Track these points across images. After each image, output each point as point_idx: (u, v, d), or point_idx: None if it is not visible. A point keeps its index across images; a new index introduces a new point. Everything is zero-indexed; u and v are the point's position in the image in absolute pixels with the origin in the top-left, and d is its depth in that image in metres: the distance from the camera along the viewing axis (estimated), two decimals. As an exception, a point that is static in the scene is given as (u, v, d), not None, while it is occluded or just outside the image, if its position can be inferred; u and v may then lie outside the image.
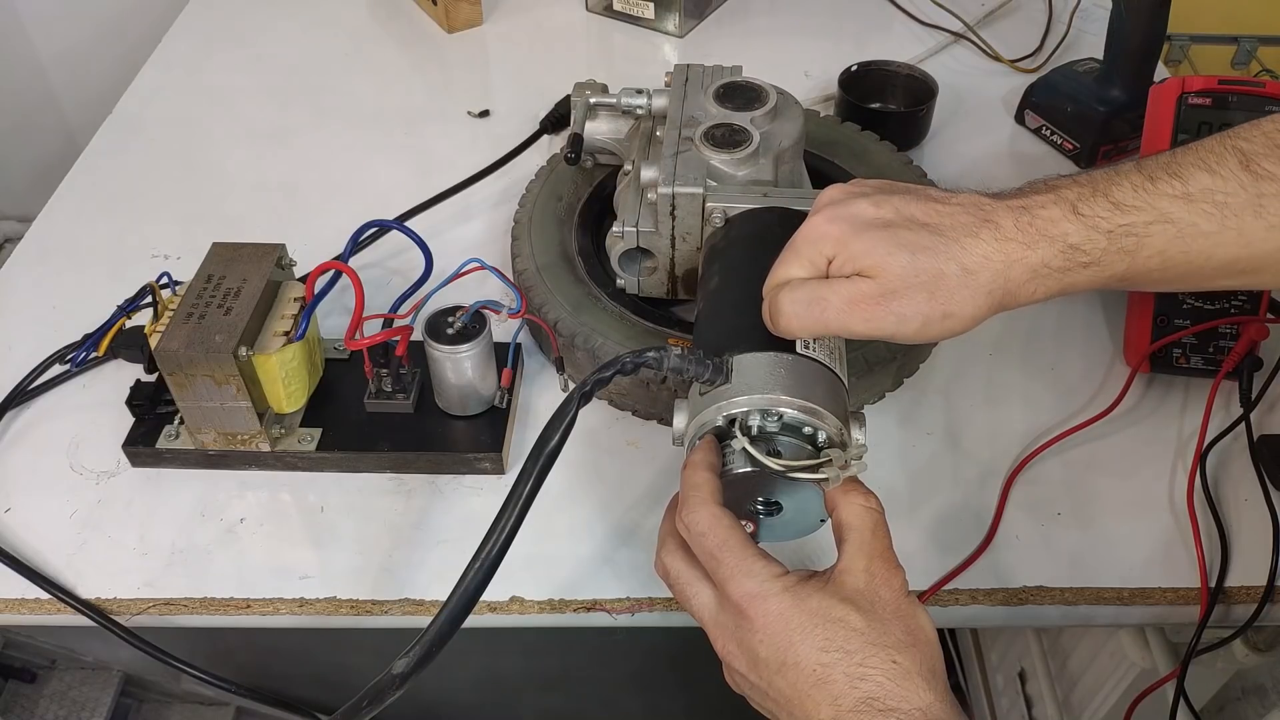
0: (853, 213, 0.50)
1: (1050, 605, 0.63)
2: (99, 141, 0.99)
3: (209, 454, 0.67)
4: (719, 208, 0.65)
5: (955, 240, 0.48)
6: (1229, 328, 0.72)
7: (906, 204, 0.50)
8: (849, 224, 0.50)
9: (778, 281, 0.52)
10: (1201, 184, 0.47)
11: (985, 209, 0.49)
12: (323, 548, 0.65)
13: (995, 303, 0.49)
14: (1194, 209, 0.47)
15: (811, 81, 1.06)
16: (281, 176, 0.95)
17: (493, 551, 0.48)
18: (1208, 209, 0.47)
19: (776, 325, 0.51)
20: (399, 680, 0.48)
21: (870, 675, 0.44)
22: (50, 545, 0.65)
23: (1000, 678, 1.28)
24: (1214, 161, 0.48)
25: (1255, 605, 0.62)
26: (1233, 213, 0.47)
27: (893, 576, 0.47)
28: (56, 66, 1.60)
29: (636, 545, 0.65)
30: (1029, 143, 0.99)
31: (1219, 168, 0.48)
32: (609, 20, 1.18)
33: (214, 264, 0.66)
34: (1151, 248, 0.48)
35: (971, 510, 0.67)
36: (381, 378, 0.68)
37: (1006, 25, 1.16)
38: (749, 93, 0.73)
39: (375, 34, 1.16)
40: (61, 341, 0.75)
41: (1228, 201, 0.47)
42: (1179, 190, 0.48)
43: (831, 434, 0.51)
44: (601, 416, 0.72)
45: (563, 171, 0.83)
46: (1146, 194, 0.48)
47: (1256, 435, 0.69)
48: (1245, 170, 0.47)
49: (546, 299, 0.72)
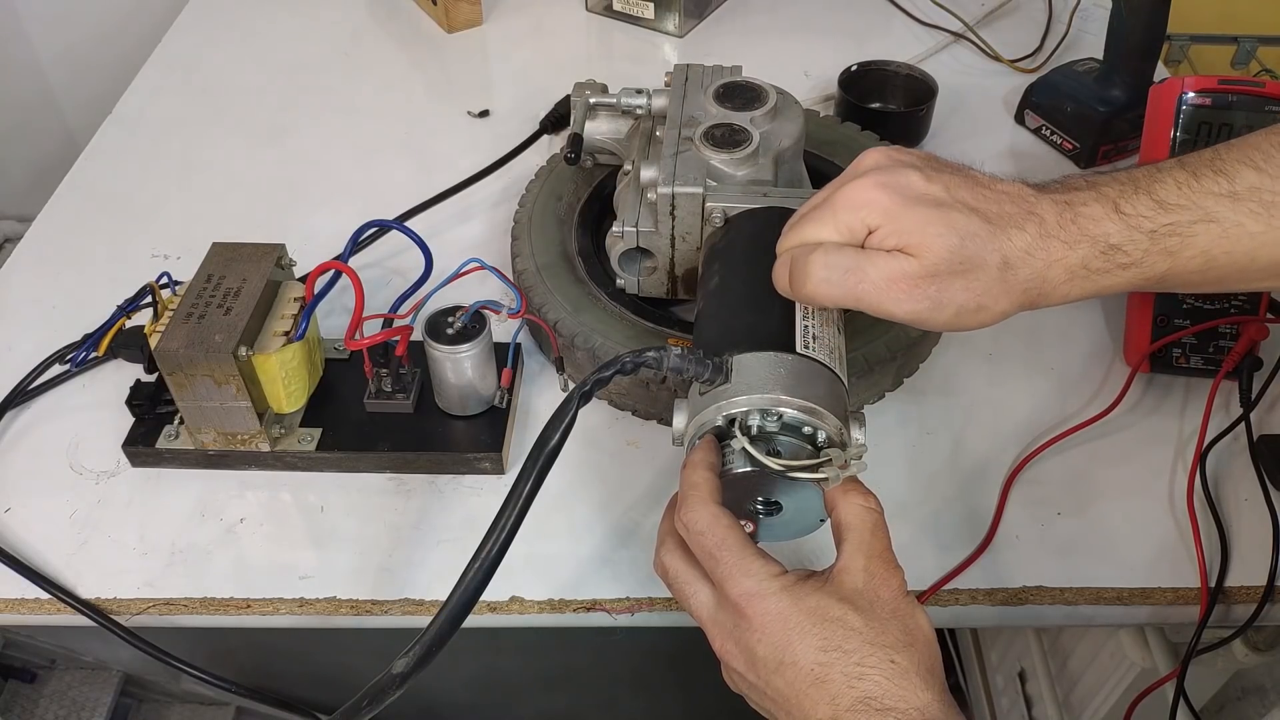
0: (903, 182, 0.48)
1: (1050, 605, 0.63)
2: (99, 141, 0.99)
3: (209, 454, 0.67)
4: (719, 208, 0.65)
5: (1002, 230, 0.47)
6: (1229, 328, 0.72)
7: (956, 184, 0.48)
8: (899, 194, 0.47)
9: (805, 240, 0.49)
10: (1248, 182, 0.46)
11: (1030, 200, 0.48)
12: (323, 548, 0.65)
13: (1028, 300, 0.48)
14: (1240, 208, 0.46)
15: (811, 81, 1.06)
16: (281, 176, 0.95)
17: (493, 551, 0.48)
18: (1254, 208, 0.46)
19: (800, 288, 0.48)
20: (399, 680, 0.48)
21: (868, 674, 0.44)
22: (50, 545, 0.65)
23: (1000, 678, 1.28)
24: (1260, 159, 0.46)
25: (1255, 605, 0.62)
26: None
27: (891, 576, 0.47)
28: (56, 66, 1.60)
29: (636, 545, 0.65)
30: (1029, 143, 0.99)
31: (1266, 165, 0.46)
32: (609, 20, 1.18)
33: (214, 264, 0.66)
34: (1195, 247, 0.46)
35: (971, 510, 0.67)
36: (381, 378, 0.68)
37: (1006, 25, 1.16)
38: (749, 93, 0.73)
39: (375, 34, 1.16)
40: (61, 341, 0.75)
41: (1275, 200, 0.46)
42: (1225, 188, 0.46)
43: (831, 434, 0.51)
44: (601, 416, 0.72)
45: (563, 171, 0.83)
46: (1191, 191, 0.46)
47: (1256, 435, 0.69)
48: None
49: (546, 299, 0.72)
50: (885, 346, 0.68)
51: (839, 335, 0.56)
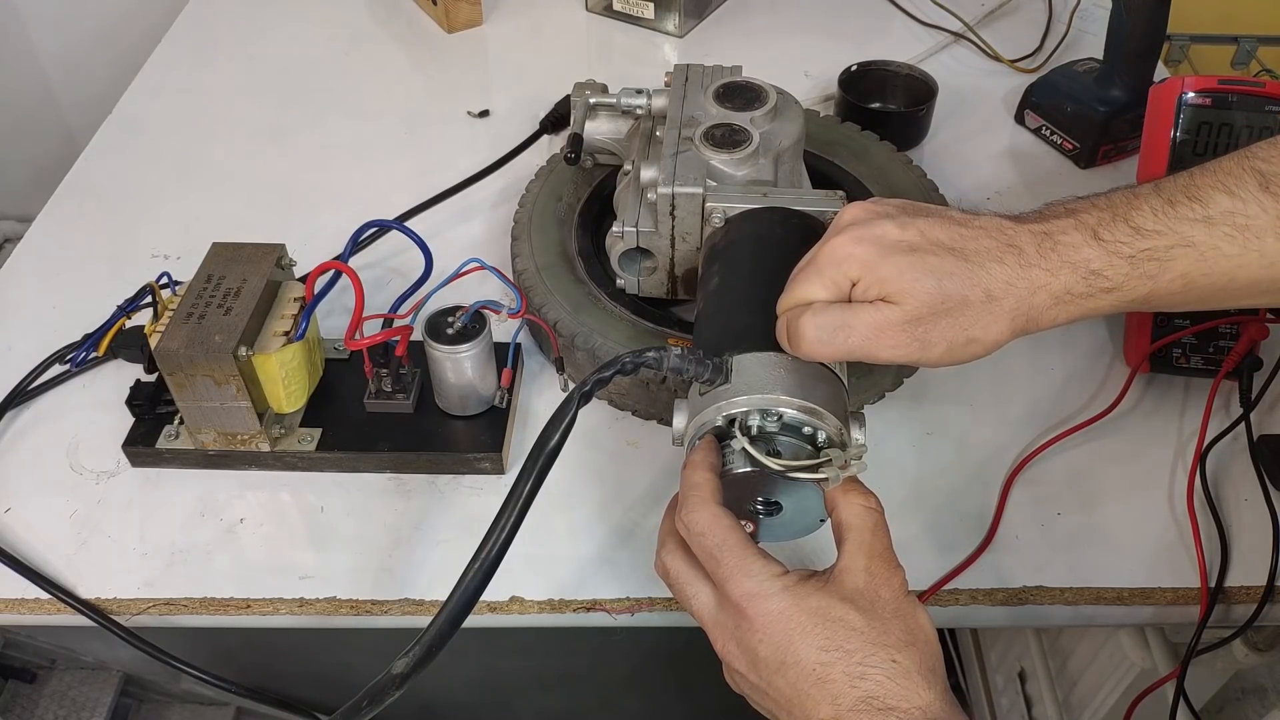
0: (878, 234, 0.50)
1: (1050, 605, 0.63)
2: (99, 141, 0.99)
3: (209, 454, 0.67)
4: (719, 208, 0.65)
5: (980, 265, 0.48)
6: (1229, 328, 0.72)
7: (931, 227, 0.50)
8: (875, 246, 0.49)
9: (797, 301, 0.51)
10: (1222, 207, 0.47)
11: (1008, 233, 0.49)
12: (323, 548, 0.65)
13: (1018, 327, 0.49)
14: (1215, 232, 0.47)
15: (811, 81, 1.06)
16: (281, 176, 0.95)
17: (492, 551, 0.48)
18: (1229, 232, 0.47)
19: (798, 349, 0.50)
20: (399, 680, 0.48)
21: (870, 674, 0.44)
22: (50, 545, 0.65)
23: (1000, 678, 1.28)
24: (1233, 184, 0.47)
25: (1255, 605, 0.62)
26: (1254, 235, 0.47)
27: (892, 576, 0.47)
28: (56, 66, 1.60)
29: (636, 545, 0.65)
30: (1029, 143, 0.99)
31: (1239, 190, 0.47)
32: (609, 20, 1.18)
33: (214, 264, 0.66)
34: (1174, 271, 0.48)
35: (971, 510, 0.67)
36: (381, 378, 0.68)
37: (1006, 25, 1.16)
38: (749, 93, 0.73)
39: (375, 34, 1.16)
40: (61, 341, 0.75)
41: (1249, 224, 0.47)
42: (1199, 214, 0.47)
43: (831, 434, 0.51)
44: (601, 416, 0.72)
45: (563, 171, 0.83)
46: (1167, 218, 0.48)
47: (1256, 435, 0.69)
48: (1265, 192, 0.47)
49: (546, 299, 0.72)
50: (885, 346, 0.68)
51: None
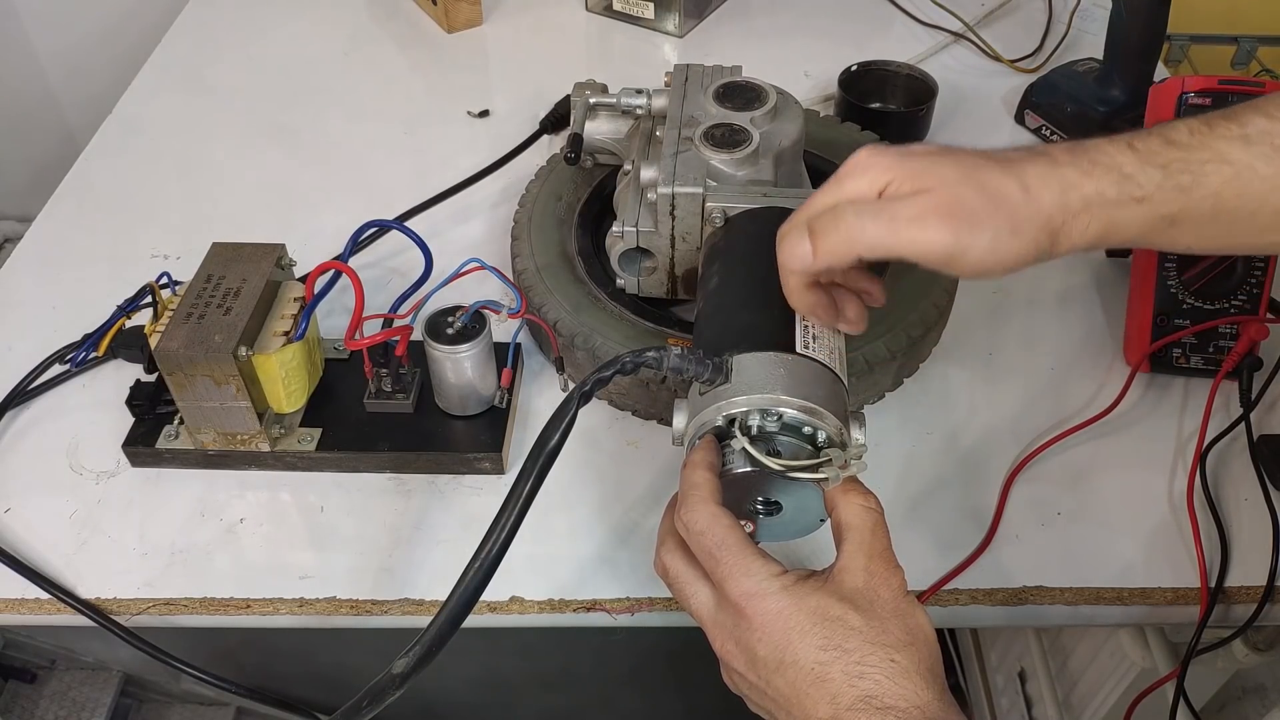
0: (900, 149, 0.50)
1: (1050, 605, 0.63)
2: (99, 141, 0.99)
3: (209, 454, 0.67)
4: (719, 208, 0.65)
5: (1012, 164, 0.48)
6: (1229, 327, 0.72)
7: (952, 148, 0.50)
8: (900, 152, 0.49)
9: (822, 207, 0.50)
10: (1259, 127, 0.47)
11: (1036, 148, 0.49)
12: (322, 548, 0.65)
13: (1053, 230, 0.47)
14: (1252, 151, 0.47)
15: (811, 81, 1.06)
16: (281, 176, 0.95)
17: (492, 551, 0.48)
18: (1266, 151, 0.47)
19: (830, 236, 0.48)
20: (399, 680, 0.48)
21: (868, 673, 0.44)
22: (50, 545, 0.65)
23: (1000, 678, 1.28)
24: (1272, 108, 0.48)
25: (1255, 605, 0.62)
26: None
27: (892, 576, 0.47)
28: (56, 66, 1.60)
29: (636, 545, 0.65)
30: (1029, 143, 0.99)
31: (1277, 113, 0.47)
32: (609, 20, 1.18)
33: (214, 264, 0.66)
34: (1206, 187, 0.47)
35: (971, 510, 0.67)
36: (381, 378, 0.68)
37: (1006, 25, 1.16)
38: (749, 93, 0.73)
39: (374, 34, 1.17)
40: (61, 341, 0.75)
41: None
42: (1236, 133, 0.47)
43: (831, 434, 0.51)
44: (601, 416, 0.72)
45: (563, 171, 0.83)
46: (1203, 135, 0.48)
47: (1256, 435, 0.69)
48: None
49: (546, 299, 0.72)
50: (885, 346, 0.68)
51: (839, 335, 0.56)
